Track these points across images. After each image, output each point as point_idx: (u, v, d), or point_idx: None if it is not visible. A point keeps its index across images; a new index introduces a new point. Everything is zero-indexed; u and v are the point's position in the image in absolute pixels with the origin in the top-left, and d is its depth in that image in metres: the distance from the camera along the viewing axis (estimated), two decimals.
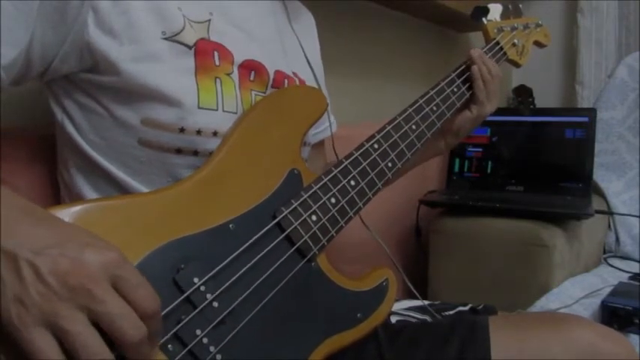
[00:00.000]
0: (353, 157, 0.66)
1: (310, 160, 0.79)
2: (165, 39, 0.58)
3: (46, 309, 0.36)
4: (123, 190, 0.61)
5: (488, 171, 1.59)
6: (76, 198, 0.64)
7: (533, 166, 1.56)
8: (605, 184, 1.68)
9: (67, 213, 0.46)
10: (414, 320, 0.85)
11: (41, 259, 0.37)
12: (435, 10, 1.65)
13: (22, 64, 0.54)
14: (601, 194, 1.67)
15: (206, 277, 0.51)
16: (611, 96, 1.74)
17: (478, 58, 0.87)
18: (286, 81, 0.71)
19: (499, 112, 1.64)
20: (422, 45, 1.85)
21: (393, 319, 0.83)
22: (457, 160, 1.62)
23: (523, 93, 1.85)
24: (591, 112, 1.56)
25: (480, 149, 1.61)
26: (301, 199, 0.60)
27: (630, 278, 1.36)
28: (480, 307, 0.90)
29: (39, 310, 0.36)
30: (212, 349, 0.50)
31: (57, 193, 0.69)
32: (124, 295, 0.39)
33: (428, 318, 0.86)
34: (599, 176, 1.68)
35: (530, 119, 1.60)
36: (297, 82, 0.73)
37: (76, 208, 0.47)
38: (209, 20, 0.63)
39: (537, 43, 1.07)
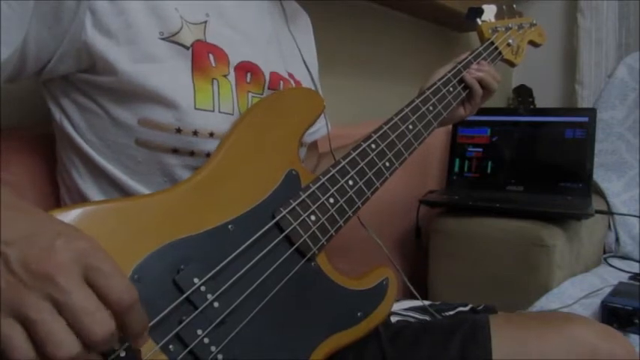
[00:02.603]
0: (350, 157, 0.66)
1: (304, 160, 0.79)
2: (163, 39, 0.59)
3: (13, 298, 0.36)
4: (121, 189, 0.61)
5: (489, 171, 1.59)
6: (76, 197, 0.64)
7: (533, 166, 1.56)
8: (605, 184, 1.68)
9: (67, 215, 0.47)
10: (414, 320, 0.85)
11: (11, 248, 0.37)
12: (435, 10, 1.66)
13: (16, 63, 0.55)
14: (601, 194, 1.67)
15: (206, 278, 0.51)
16: (611, 96, 1.74)
17: (474, 69, 0.88)
18: (281, 82, 0.71)
19: (499, 112, 1.66)
20: (422, 45, 1.85)
21: (393, 319, 0.84)
22: (457, 160, 1.62)
23: (523, 93, 1.85)
24: (591, 112, 1.56)
25: (480, 149, 1.60)
26: (300, 199, 0.60)
27: (630, 278, 1.36)
28: (481, 307, 0.90)
29: (6, 299, 0.36)
30: (213, 349, 0.50)
31: (56, 192, 0.69)
32: (95, 287, 0.38)
33: (428, 318, 0.86)
34: (599, 176, 1.68)
35: (530, 119, 1.60)
36: (293, 84, 0.74)
37: (77, 211, 0.47)
38: (205, 22, 0.63)
39: (532, 43, 1.07)
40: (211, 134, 0.61)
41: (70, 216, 0.47)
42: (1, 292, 0.36)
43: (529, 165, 1.56)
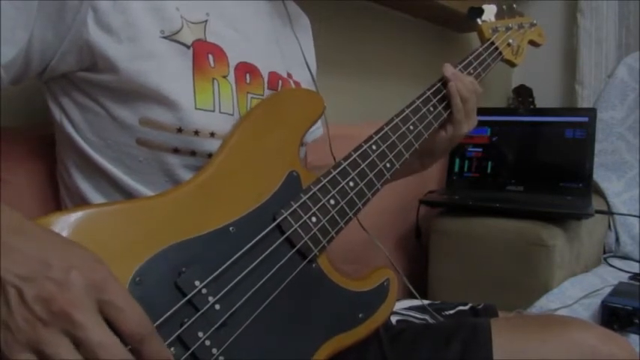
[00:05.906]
0: (351, 159, 0.66)
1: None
2: (164, 38, 0.59)
3: (31, 335, 0.36)
4: (121, 189, 0.61)
5: (489, 171, 1.59)
6: (76, 197, 0.64)
7: (533, 166, 1.56)
8: (605, 184, 1.68)
9: (69, 219, 0.47)
10: (414, 320, 0.85)
11: (27, 284, 0.37)
12: (435, 10, 1.66)
13: (21, 63, 0.55)
14: (601, 194, 1.68)
15: (207, 280, 0.51)
16: (611, 96, 1.74)
17: (452, 75, 0.81)
18: (280, 82, 0.71)
19: (499, 112, 1.66)
20: (422, 45, 1.85)
21: (393, 318, 0.84)
22: (457, 160, 1.62)
23: (523, 93, 1.85)
24: (591, 112, 1.56)
25: (480, 149, 1.61)
26: (301, 201, 0.60)
27: (630, 278, 1.36)
28: (480, 306, 0.90)
29: (24, 335, 0.36)
30: (214, 351, 0.50)
31: (56, 193, 0.69)
32: (110, 320, 0.39)
33: (428, 317, 0.86)
34: (599, 176, 1.68)
35: (530, 119, 1.60)
36: (292, 84, 0.74)
37: (79, 214, 0.47)
38: (206, 21, 0.63)
39: (532, 43, 1.08)
40: (212, 134, 0.61)
41: (71, 219, 0.47)
42: (19, 329, 0.36)
43: (529, 165, 1.57)
